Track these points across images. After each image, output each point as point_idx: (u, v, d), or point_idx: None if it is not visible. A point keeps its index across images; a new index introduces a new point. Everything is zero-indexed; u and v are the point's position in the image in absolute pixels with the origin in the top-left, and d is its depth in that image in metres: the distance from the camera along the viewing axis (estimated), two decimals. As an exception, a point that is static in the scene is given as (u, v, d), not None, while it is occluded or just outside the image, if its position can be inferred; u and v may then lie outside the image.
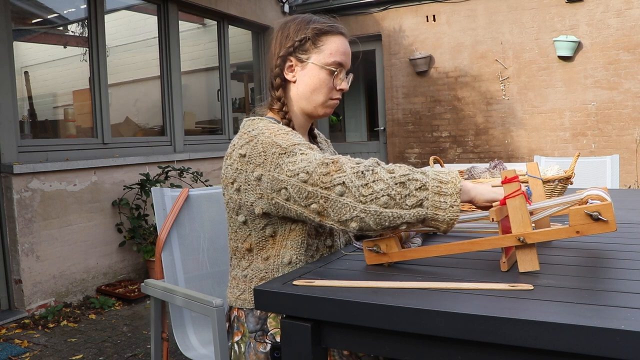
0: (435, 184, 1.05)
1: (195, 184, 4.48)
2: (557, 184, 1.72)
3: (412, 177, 1.06)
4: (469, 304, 0.85)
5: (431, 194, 1.04)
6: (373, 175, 1.07)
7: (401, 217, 1.05)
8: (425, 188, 1.05)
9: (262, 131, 1.26)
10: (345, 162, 1.11)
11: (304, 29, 1.37)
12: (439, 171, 1.08)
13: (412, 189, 1.05)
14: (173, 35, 4.81)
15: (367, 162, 1.11)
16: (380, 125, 6.70)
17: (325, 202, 1.09)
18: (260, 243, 1.32)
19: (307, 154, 1.17)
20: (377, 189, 1.05)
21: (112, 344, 3.01)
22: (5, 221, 3.40)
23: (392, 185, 1.05)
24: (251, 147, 1.24)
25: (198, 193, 1.80)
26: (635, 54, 5.24)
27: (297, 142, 1.21)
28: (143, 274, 4.23)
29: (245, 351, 1.34)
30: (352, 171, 1.08)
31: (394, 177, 1.06)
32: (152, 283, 1.65)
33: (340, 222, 1.09)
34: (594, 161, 3.19)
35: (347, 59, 1.40)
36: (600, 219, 0.94)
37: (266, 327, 1.31)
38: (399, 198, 1.04)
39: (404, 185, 1.05)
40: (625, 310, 0.78)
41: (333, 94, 1.39)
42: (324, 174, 1.10)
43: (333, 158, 1.13)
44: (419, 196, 1.04)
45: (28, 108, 4.07)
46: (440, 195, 1.04)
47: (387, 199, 1.04)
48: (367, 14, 6.50)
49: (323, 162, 1.12)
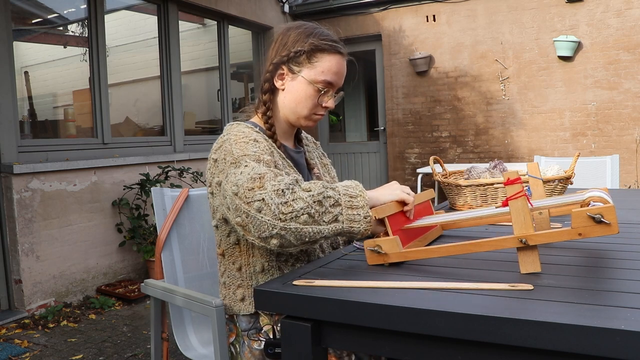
0: (347, 199, 1.11)
1: (195, 184, 4.48)
2: (557, 184, 1.72)
3: (326, 194, 1.10)
4: (469, 304, 0.85)
5: (344, 209, 1.10)
6: (292, 194, 1.08)
7: (320, 232, 1.09)
8: (338, 204, 1.10)
9: (229, 137, 1.30)
10: (268, 179, 1.11)
11: (302, 40, 1.37)
12: (348, 185, 1.14)
13: (327, 206, 1.09)
14: (173, 35, 4.81)
15: (287, 179, 1.12)
16: (380, 125, 6.70)
17: (246, 218, 1.09)
18: (229, 250, 1.35)
19: (249, 166, 1.17)
20: (297, 208, 1.07)
21: (112, 344, 3.01)
22: (5, 221, 3.40)
23: (311, 203, 1.08)
24: (220, 152, 1.28)
25: (198, 193, 1.80)
26: (635, 54, 5.24)
27: (249, 153, 1.22)
28: (143, 274, 4.23)
29: (240, 351, 1.35)
30: (272, 188, 1.09)
31: (312, 196, 1.09)
32: (152, 283, 1.65)
33: (260, 239, 1.09)
34: (594, 161, 3.19)
35: (339, 79, 1.40)
36: (603, 222, 0.94)
37: (259, 324, 1.32)
38: (317, 216, 1.08)
39: (321, 204, 1.09)
40: (625, 310, 0.78)
41: (317, 109, 1.40)
42: (249, 189, 1.10)
43: (261, 173, 1.13)
44: (334, 212, 1.09)
45: (28, 108, 4.07)
46: (353, 209, 1.10)
47: (306, 217, 1.07)
48: (367, 14, 6.50)
49: (252, 177, 1.12)
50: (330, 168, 1.63)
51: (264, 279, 1.30)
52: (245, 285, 1.33)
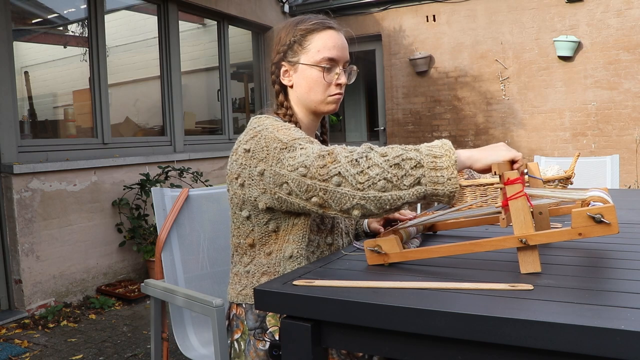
0: (430, 159, 1.04)
1: (195, 184, 4.48)
2: (557, 184, 1.72)
3: (406, 156, 1.05)
4: (469, 304, 0.85)
5: (427, 170, 1.03)
6: (367, 162, 1.06)
7: (401, 198, 1.04)
8: (420, 165, 1.04)
9: (266, 127, 1.27)
10: (340, 152, 1.11)
11: (291, 32, 1.37)
12: (432, 145, 1.07)
13: (407, 169, 1.04)
14: (173, 35, 4.81)
15: (360, 148, 1.10)
16: (380, 125, 6.70)
17: (324, 194, 1.09)
18: (263, 238, 1.32)
19: (306, 147, 1.17)
20: (373, 175, 1.05)
21: (112, 344, 3.01)
22: (5, 221, 3.40)
23: (387, 168, 1.04)
24: (255, 142, 1.25)
25: (198, 193, 1.80)
26: (635, 54, 5.24)
27: (298, 137, 1.21)
28: (143, 274, 4.23)
29: (245, 349, 1.34)
30: (346, 160, 1.08)
31: (387, 160, 1.05)
32: (152, 283, 1.65)
33: (342, 211, 1.10)
34: (594, 161, 3.19)
35: (339, 52, 1.38)
36: (603, 222, 0.94)
37: (265, 325, 1.31)
38: (395, 180, 1.04)
39: (399, 167, 1.04)
40: (625, 310, 0.78)
41: (331, 90, 1.38)
42: (321, 167, 1.10)
43: (329, 149, 1.13)
44: (416, 174, 1.03)
45: (28, 108, 4.07)
46: (437, 170, 1.03)
47: (384, 182, 1.04)
48: (367, 14, 6.50)
49: (320, 155, 1.12)
50: None
51: (291, 267, 1.28)
52: (271, 272, 1.31)
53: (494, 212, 1.24)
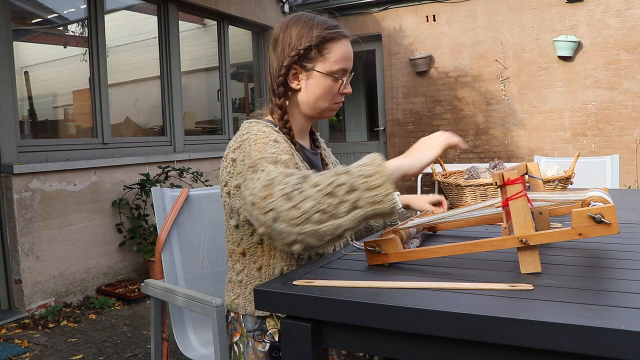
0: (362, 180, 0.99)
1: (195, 184, 4.48)
2: (557, 184, 1.72)
3: (337, 182, 1.00)
4: (469, 304, 0.85)
5: (362, 192, 0.98)
6: (300, 195, 1.00)
7: (340, 226, 0.99)
8: (354, 189, 0.99)
9: (248, 137, 1.26)
10: (277, 184, 1.05)
11: (307, 35, 1.33)
12: (363, 164, 1.02)
13: (341, 195, 0.99)
14: (173, 35, 4.81)
15: (294, 179, 1.04)
16: (380, 125, 6.70)
17: (266, 229, 1.04)
18: (251, 249, 1.32)
19: (265, 170, 1.13)
20: (307, 208, 0.99)
21: (112, 344, 3.01)
22: (5, 221, 3.40)
23: (321, 199, 0.99)
24: (238, 152, 1.25)
25: (198, 193, 1.80)
26: (635, 54, 5.24)
27: (265, 156, 1.18)
28: (143, 274, 4.23)
29: (244, 351, 1.34)
30: (280, 194, 1.02)
31: (320, 190, 1.00)
32: (152, 283, 1.65)
33: (285, 245, 1.04)
34: (594, 161, 3.19)
35: (350, 62, 1.39)
36: (603, 222, 0.94)
37: (265, 326, 1.31)
38: (331, 210, 0.99)
39: (333, 195, 0.99)
40: (625, 310, 0.78)
41: (337, 98, 1.39)
42: (262, 198, 1.04)
43: (272, 178, 1.07)
44: (351, 199, 0.99)
45: (28, 108, 4.07)
46: (372, 190, 0.98)
47: (319, 215, 0.99)
48: (367, 14, 6.50)
49: (264, 185, 1.06)
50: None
51: None
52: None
53: (494, 212, 1.24)
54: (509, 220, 1.05)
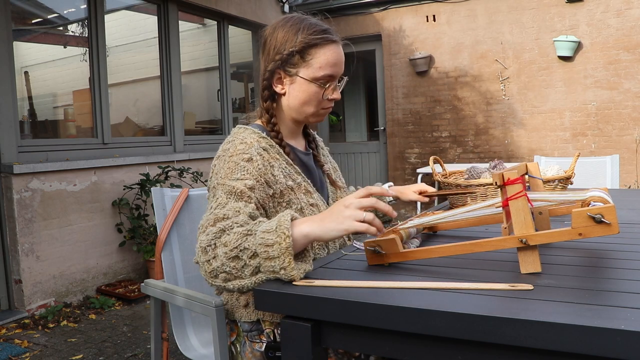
0: (263, 249, 1.00)
1: (195, 184, 4.48)
2: (557, 184, 1.72)
3: (243, 246, 1.02)
4: (469, 304, 0.85)
5: (262, 260, 1.00)
6: (213, 252, 1.06)
7: (245, 286, 1.03)
8: (255, 255, 1.01)
9: (229, 148, 1.29)
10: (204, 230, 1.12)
11: (291, 40, 1.31)
12: (268, 230, 1.01)
13: (245, 259, 1.02)
14: (173, 35, 4.81)
15: (212, 232, 1.08)
16: (380, 125, 6.70)
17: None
18: None
19: (218, 199, 1.19)
20: (216, 266, 1.04)
21: (112, 344, 3.01)
22: (5, 221, 3.40)
23: (226, 261, 1.03)
24: (217, 162, 1.30)
25: (198, 193, 1.80)
26: (635, 54, 5.24)
27: (226, 182, 1.21)
28: (143, 274, 4.23)
29: (241, 350, 1.34)
30: (200, 244, 1.09)
31: (226, 253, 1.03)
32: (152, 283, 1.65)
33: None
34: (594, 161, 3.19)
35: (339, 68, 1.34)
36: (603, 222, 0.94)
37: (261, 326, 1.31)
38: (235, 272, 1.03)
39: (238, 258, 1.02)
40: (625, 310, 0.78)
41: (324, 104, 1.36)
42: (200, 232, 1.13)
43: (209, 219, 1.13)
44: (254, 264, 1.01)
45: (28, 108, 4.07)
46: (270, 260, 0.99)
47: (225, 275, 1.04)
48: (367, 14, 6.50)
49: (202, 224, 1.15)
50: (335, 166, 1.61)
51: None
52: (251, 303, 1.31)
53: (494, 212, 1.23)
54: (509, 220, 1.05)
